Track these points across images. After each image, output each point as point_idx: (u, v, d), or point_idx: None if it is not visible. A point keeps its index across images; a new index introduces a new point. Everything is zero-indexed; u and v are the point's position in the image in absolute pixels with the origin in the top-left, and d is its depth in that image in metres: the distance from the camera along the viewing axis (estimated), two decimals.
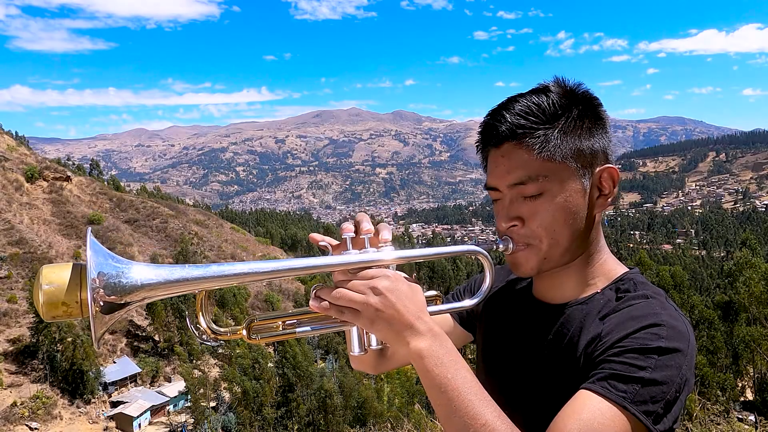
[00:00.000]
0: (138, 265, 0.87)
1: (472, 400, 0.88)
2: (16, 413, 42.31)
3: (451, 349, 0.93)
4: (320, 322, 1.05)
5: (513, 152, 1.03)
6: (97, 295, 0.82)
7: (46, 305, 0.82)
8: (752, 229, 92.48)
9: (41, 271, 0.84)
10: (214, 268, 0.91)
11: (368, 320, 0.93)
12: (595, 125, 1.05)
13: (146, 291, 0.86)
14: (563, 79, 1.08)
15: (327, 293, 0.96)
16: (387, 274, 0.95)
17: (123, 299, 0.84)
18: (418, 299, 0.96)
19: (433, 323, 0.95)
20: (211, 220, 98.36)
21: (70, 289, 0.82)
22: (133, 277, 0.85)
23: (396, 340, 0.93)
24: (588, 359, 0.97)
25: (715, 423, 5.11)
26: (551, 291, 1.13)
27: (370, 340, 1.03)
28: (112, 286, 0.83)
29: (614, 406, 0.87)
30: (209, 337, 0.99)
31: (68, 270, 0.84)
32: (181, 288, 0.90)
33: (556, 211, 1.02)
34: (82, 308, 0.83)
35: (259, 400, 40.15)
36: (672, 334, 0.91)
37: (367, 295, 0.92)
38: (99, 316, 0.82)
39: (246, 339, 1.01)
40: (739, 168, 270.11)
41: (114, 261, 0.85)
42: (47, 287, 0.82)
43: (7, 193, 71.82)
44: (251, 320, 1.03)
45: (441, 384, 0.89)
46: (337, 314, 0.95)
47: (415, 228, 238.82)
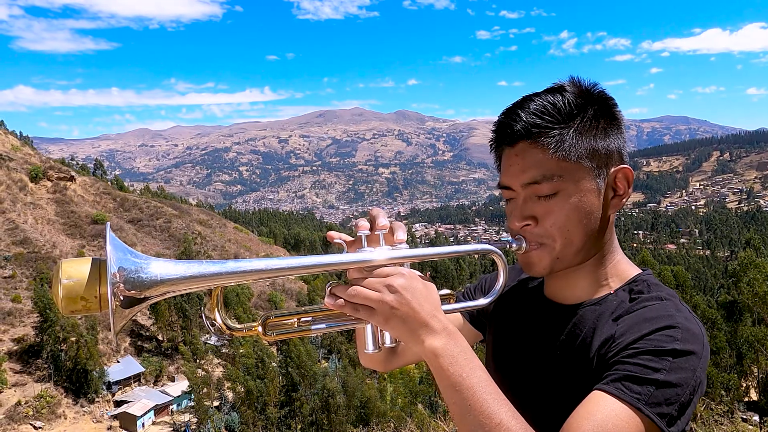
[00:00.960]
0: (157, 260, 0.87)
1: (486, 399, 0.87)
2: (21, 412, 42.46)
3: (466, 348, 0.93)
4: (335, 320, 1.04)
5: (528, 151, 1.02)
6: (117, 289, 0.82)
7: (66, 299, 0.82)
8: (756, 229, 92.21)
9: (60, 265, 0.83)
10: (231, 264, 0.91)
11: (383, 318, 0.93)
12: (611, 125, 1.05)
13: (166, 286, 0.86)
14: (579, 78, 1.07)
15: (342, 291, 0.95)
16: (402, 272, 0.94)
17: (143, 294, 0.85)
18: (433, 298, 0.96)
19: (448, 322, 0.95)
20: (214, 220, 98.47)
21: (90, 284, 0.82)
22: (153, 272, 0.85)
23: (411, 338, 0.93)
24: (601, 360, 0.96)
25: (719, 423, 5.11)
26: (564, 291, 1.13)
27: (384, 337, 1.03)
28: (132, 281, 0.83)
29: (628, 407, 0.86)
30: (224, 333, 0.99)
31: (87, 265, 0.84)
32: (199, 284, 0.90)
33: (571, 211, 1.02)
34: (101, 303, 0.83)
35: (263, 400, 40.20)
36: (687, 336, 0.91)
37: (382, 293, 0.92)
38: (118, 311, 0.82)
39: (261, 336, 1.01)
40: (744, 167, 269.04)
41: (133, 256, 0.86)
42: (67, 282, 0.82)
43: (12, 192, 72.04)
44: (267, 317, 1.03)
45: (456, 383, 0.89)
46: (352, 312, 0.95)
47: (418, 228, 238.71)
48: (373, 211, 1.03)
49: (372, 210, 1.04)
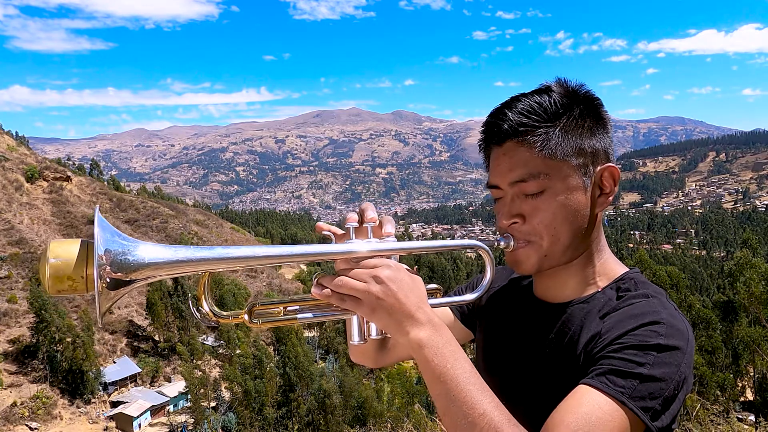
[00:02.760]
0: (145, 244, 0.87)
1: (470, 390, 0.88)
2: (16, 413, 42.32)
3: (451, 340, 0.94)
4: (321, 310, 1.05)
5: (515, 150, 1.04)
6: (104, 271, 0.82)
7: (52, 279, 0.82)
8: (752, 229, 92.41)
9: (49, 245, 0.84)
10: (219, 250, 0.92)
11: (369, 308, 0.94)
12: (597, 125, 1.06)
13: (152, 270, 0.86)
14: (565, 79, 1.09)
15: (329, 281, 0.96)
16: (389, 263, 0.96)
17: (129, 276, 0.84)
18: (419, 290, 0.97)
19: (434, 314, 0.96)
20: (211, 220, 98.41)
21: (77, 265, 0.83)
22: (140, 255, 0.85)
23: (396, 329, 0.94)
24: (588, 356, 0.98)
25: (715, 423, 5.12)
26: (552, 290, 1.14)
27: (370, 329, 1.03)
28: (118, 263, 0.83)
29: (612, 400, 0.87)
30: (210, 320, 0.99)
31: (76, 245, 0.84)
32: (186, 268, 0.90)
33: (558, 208, 1.03)
34: (87, 284, 0.83)
35: (260, 400, 40.18)
36: (671, 332, 0.92)
37: (368, 284, 0.93)
38: (105, 292, 0.82)
39: (247, 323, 1.01)
40: (739, 168, 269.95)
41: (121, 239, 0.85)
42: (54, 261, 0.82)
43: (7, 193, 71.81)
44: (253, 304, 1.03)
45: (440, 374, 0.90)
46: (338, 302, 0.96)
47: (415, 228, 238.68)
48: (363, 204, 1.06)
49: (362, 204, 1.06)
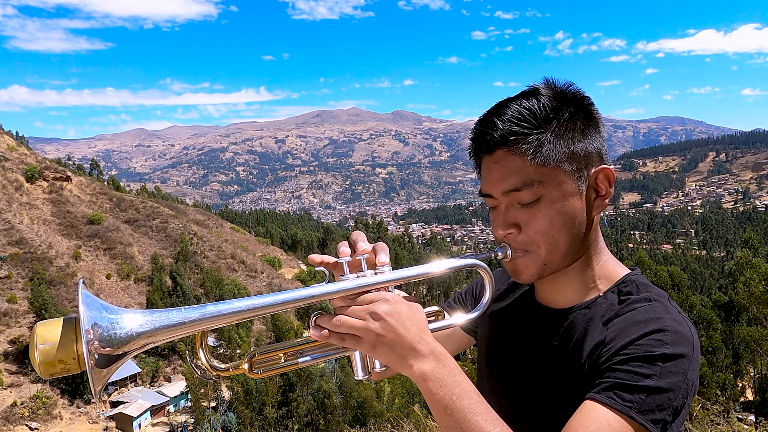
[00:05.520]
0: (131, 312, 0.85)
1: (478, 421, 0.87)
2: (16, 413, 42.37)
3: (455, 369, 0.92)
4: (322, 350, 1.03)
5: (506, 159, 1.00)
6: (93, 347, 0.80)
7: (43, 365, 0.80)
8: (753, 229, 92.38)
9: (36, 329, 0.82)
10: (211, 308, 0.89)
11: (370, 346, 0.92)
12: (588, 126, 1.03)
13: (143, 339, 0.85)
14: (553, 80, 1.06)
15: (327, 321, 0.94)
16: (386, 297, 0.94)
17: (120, 350, 0.83)
18: (419, 320, 0.95)
19: (436, 344, 0.94)
20: (211, 220, 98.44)
21: (66, 346, 0.81)
22: (127, 326, 0.83)
23: (399, 363, 0.92)
24: (593, 366, 0.96)
25: (715, 423, 5.12)
26: (554, 295, 1.12)
27: (373, 363, 1.01)
28: (106, 339, 0.81)
29: (621, 416, 0.86)
30: (211, 375, 0.97)
31: (60, 326, 0.82)
32: (179, 332, 0.88)
33: (554, 216, 1.01)
34: (79, 363, 0.81)
35: (260, 400, 40.19)
36: (676, 339, 0.91)
37: (367, 321, 0.91)
38: (96, 370, 0.80)
39: (248, 374, 0.99)
40: (739, 168, 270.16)
41: (108, 312, 0.83)
42: (42, 347, 0.80)
43: (7, 193, 71.80)
44: (252, 354, 1.01)
45: (446, 406, 0.88)
46: (338, 342, 0.94)
47: (415, 228, 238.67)
48: (353, 235, 1.02)
49: (352, 234, 1.03)
